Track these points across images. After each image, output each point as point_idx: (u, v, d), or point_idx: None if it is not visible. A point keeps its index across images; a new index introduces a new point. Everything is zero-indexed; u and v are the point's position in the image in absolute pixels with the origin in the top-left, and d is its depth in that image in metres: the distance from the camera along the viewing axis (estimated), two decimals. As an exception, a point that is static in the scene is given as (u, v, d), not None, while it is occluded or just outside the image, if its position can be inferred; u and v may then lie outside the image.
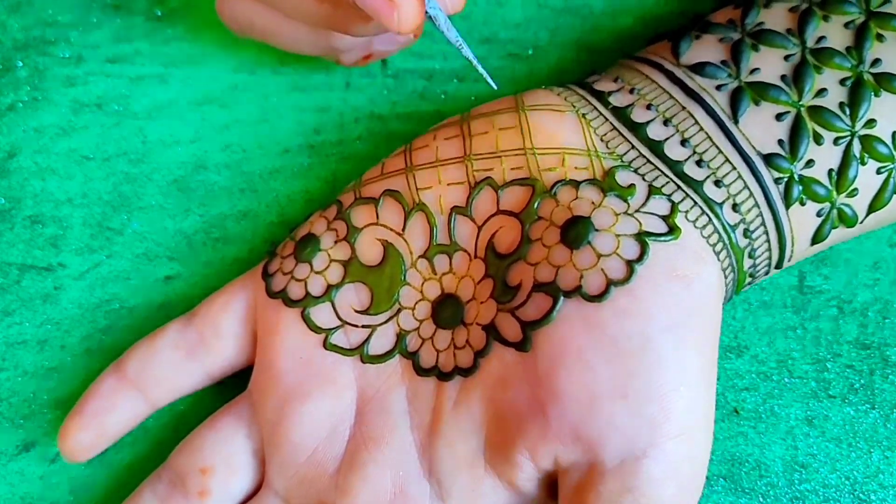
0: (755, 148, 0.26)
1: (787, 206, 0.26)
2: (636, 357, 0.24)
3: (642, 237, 0.25)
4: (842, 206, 0.27)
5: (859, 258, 0.31)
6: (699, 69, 0.27)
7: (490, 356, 0.26)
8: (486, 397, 0.25)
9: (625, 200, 0.25)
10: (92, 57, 0.33)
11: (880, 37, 0.27)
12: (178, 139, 0.32)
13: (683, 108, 0.27)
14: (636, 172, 0.26)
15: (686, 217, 0.25)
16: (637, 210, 0.25)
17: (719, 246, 0.26)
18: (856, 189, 0.26)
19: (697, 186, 0.26)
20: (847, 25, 0.27)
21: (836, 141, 0.26)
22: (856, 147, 0.26)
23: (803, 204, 0.26)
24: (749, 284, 0.28)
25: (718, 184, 0.26)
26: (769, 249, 0.27)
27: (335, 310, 0.28)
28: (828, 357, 0.30)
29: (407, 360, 0.27)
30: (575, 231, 0.25)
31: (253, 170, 0.32)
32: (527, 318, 0.25)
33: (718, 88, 0.27)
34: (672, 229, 0.25)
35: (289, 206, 0.32)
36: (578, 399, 0.24)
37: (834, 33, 0.27)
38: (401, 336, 0.27)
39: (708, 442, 0.25)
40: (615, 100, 0.27)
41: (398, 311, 0.27)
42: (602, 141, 0.27)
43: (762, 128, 0.26)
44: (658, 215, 0.25)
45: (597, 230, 0.25)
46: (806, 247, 0.27)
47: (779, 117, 0.26)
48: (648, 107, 0.27)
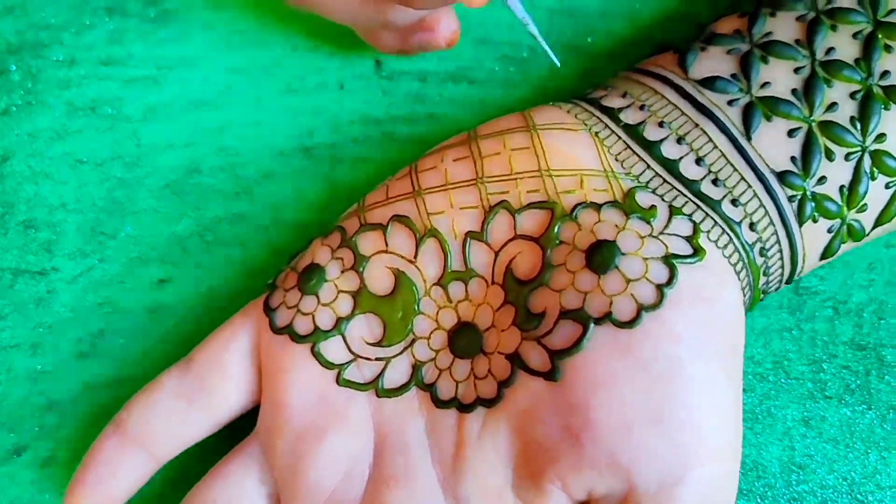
0: (769, 165, 0.26)
1: (801, 224, 0.26)
2: (668, 382, 0.24)
3: (669, 260, 0.24)
4: (851, 222, 0.26)
5: (854, 259, 0.31)
6: (709, 84, 0.26)
7: (515, 386, 0.25)
8: (513, 427, 0.25)
9: (648, 223, 0.25)
10: (85, 59, 0.33)
11: (888, 47, 0.26)
12: (172, 142, 0.32)
13: (696, 126, 0.26)
14: (655, 193, 0.26)
15: (708, 237, 0.25)
16: (661, 232, 0.25)
17: (739, 266, 0.25)
18: (865, 204, 0.26)
19: (716, 206, 0.25)
20: (855, 36, 0.26)
21: (848, 157, 0.26)
22: (866, 162, 0.26)
23: (815, 221, 0.26)
24: (760, 300, 0.27)
25: (735, 203, 0.26)
26: (782, 266, 0.26)
27: (346, 343, 0.26)
28: (824, 358, 0.30)
29: (424, 393, 0.26)
30: (601, 255, 0.25)
31: (247, 172, 0.32)
32: (555, 347, 0.24)
33: (730, 104, 0.26)
34: (697, 251, 0.25)
35: (283, 209, 0.32)
36: (613, 426, 0.23)
37: (842, 44, 0.26)
38: (416, 367, 0.26)
39: (737, 462, 0.25)
40: (626, 117, 0.27)
41: (412, 342, 0.26)
42: (617, 161, 0.26)
43: (775, 144, 0.26)
44: (682, 237, 0.25)
45: (623, 254, 0.24)
46: (815, 261, 0.27)
47: (791, 133, 0.26)
48: (661, 124, 0.26)
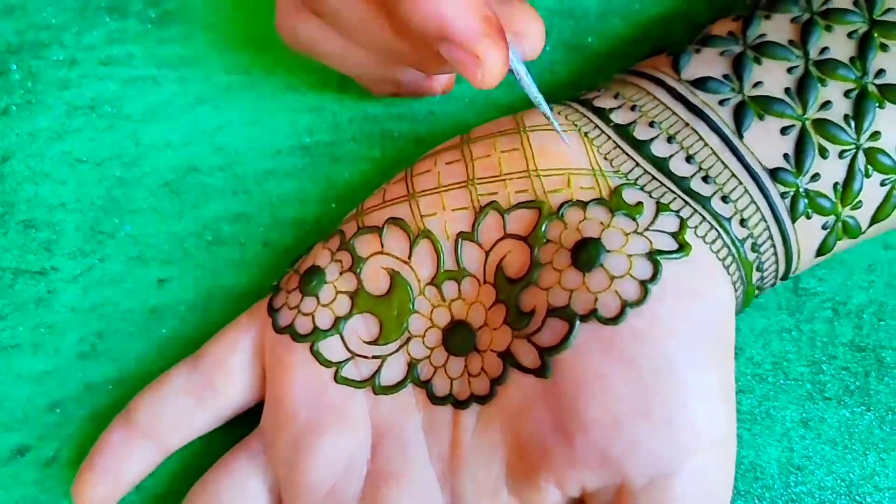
0: (761, 163, 0.26)
1: (794, 220, 0.26)
2: (656, 377, 0.24)
3: (654, 256, 0.25)
4: (846, 219, 0.26)
5: (854, 260, 0.30)
6: (701, 84, 0.27)
7: (507, 383, 0.25)
8: (506, 424, 0.25)
9: (633, 219, 0.25)
10: (85, 59, 0.33)
11: (884, 46, 0.26)
12: (171, 141, 0.32)
13: (687, 125, 0.26)
14: (643, 190, 0.26)
15: (695, 233, 0.25)
16: (646, 228, 0.25)
17: (729, 260, 0.25)
18: (860, 202, 0.26)
19: (705, 202, 0.25)
20: (850, 35, 0.26)
21: (842, 154, 0.26)
22: (860, 160, 0.26)
23: (809, 217, 0.26)
24: (756, 296, 0.27)
25: (725, 199, 0.26)
26: (776, 262, 0.26)
27: (344, 342, 0.27)
28: (823, 359, 0.30)
29: (420, 390, 0.27)
30: (586, 253, 0.25)
31: (246, 171, 0.32)
32: (544, 345, 0.25)
33: (721, 103, 0.26)
34: (682, 246, 0.25)
35: (282, 208, 0.32)
36: (603, 422, 0.24)
37: (837, 44, 0.26)
38: (412, 365, 0.27)
39: (732, 455, 0.25)
40: (617, 117, 0.27)
41: (408, 340, 0.27)
42: (606, 159, 0.26)
43: (767, 142, 0.26)
44: (667, 232, 0.25)
45: (608, 251, 0.25)
46: (811, 258, 0.27)
47: (784, 131, 0.26)
48: (651, 124, 0.27)
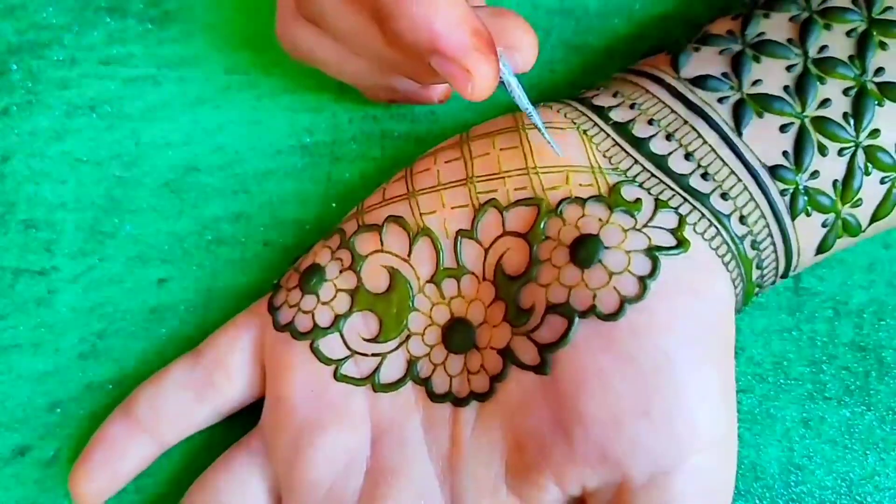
0: (760, 160, 0.26)
1: (793, 218, 0.26)
2: (656, 373, 0.24)
3: (652, 252, 0.25)
4: (846, 217, 0.26)
5: (854, 260, 0.31)
6: (700, 82, 0.27)
7: (507, 380, 0.25)
8: (506, 422, 0.25)
9: (632, 215, 0.25)
10: (85, 59, 0.33)
11: (883, 45, 0.26)
12: (171, 141, 0.32)
13: (686, 123, 0.26)
14: (641, 187, 0.26)
15: (694, 229, 0.25)
16: (645, 225, 0.25)
17: (728, 257, 0.25)
18: (860, 199, 0.26)
19: (704, 199, 0.26)
20: (849, 34, 0.27)
21: (841, 152, 0.26)
22: (860, 158, 0.26)
23: (809, 215, 0.26)
24: (757, 294, 0.27)
25: (725, 196, 0.26)
26: (776, 260, 0.26)
27: (344, 340, 0.27)
28: (823, 359, 0.30)
29: (420, 387, 0.27)
30: (584, 250, 0.25)
31: (246, 171, 0.32)
32: (543, 341, 0.25)
33: (720, 101, 0.26)
34: (681, 242, 0.25)
35: (282, 208, 0.32)
36: (602, 420, 0.24)
37: (836, 42, 0.27)
38: (411, 363, 0.27)
39: (733, 452, 0.25)
40: (616, 115, 0.27)
41: (407, 338, 0.27)
42: (605, 157, 0.26)
43: (766, 140, 0.26)
44: (666, 229, 0.25)
45: (606, 248, 0.25)
46: (811, 256, 0.27)
47: (783, 129, 0.26)
48: (650, 122, 0.27)
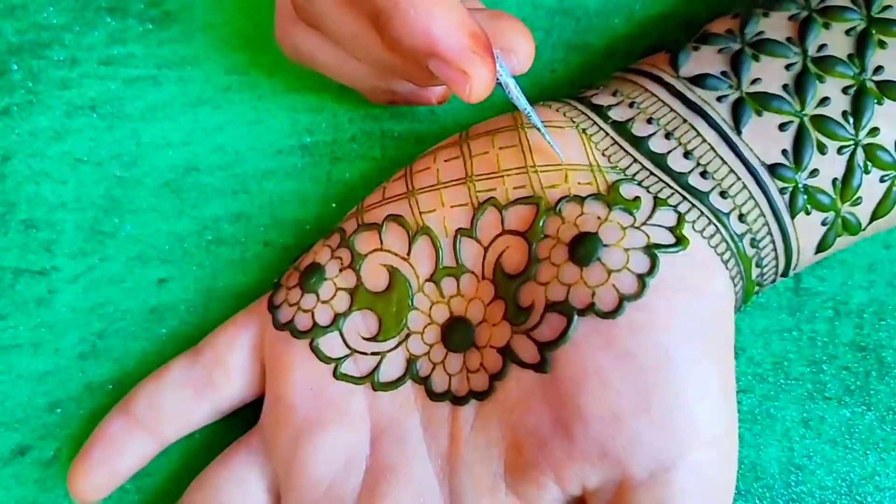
0: (759, 158, 0.26)
1: (793, 216, 0.26)
2: (655, 371, 0.24)
3: (651, 250, 0.25)
4: (846, 215, 0.26)
5: (854, 260, 0.31)
6: (699, 81, 0.27)
7: (507, 379, 0.25)
8: (505, 420, 0.25)
9: (631, 213, 0.25)
10: (86, 59, 0.33)
11: (882, 43, 0.26)
12: (171, 141, 0.32)
13: (685, 121, 0.26)
14: (640, 185, 0.26)
15: (693, 227, 0.25)
16: (644, 223, 0.25)
17: (727, 255, 0.25)
18: (860, 198, 0.26)
19: (703, 197, 0.26)
20: (848, 32, 0.27)
21: (840, 150, 0.26)
22: (859, 156, 0.26)
23: (808, 213, 0.26)
24: (757, 293, 0.27)
25: (724, 195, 0.26)
26: (776, 258, 0.26)
27: (343, 338, 0.27)
28: (824, 359, 0.30)
29: (419, 386, 0.27)
30: (583, 248, 0.25)
31: (246, 171, 0.32)
32: (542, 340, 0.25)
33: (719, 100, 0.26)
34: (680, 240, 0.25)
35: (282, 208, 0.32)
36: (602, 417, 0.24)
37: (835, 41, 0.27)
38: (411, 361, 0.27)
39: (734, 449, 0.25)
40: (615, 114, 0.27)
41: (407, 337, 0.27)
42: (604, 156, 0.27)
43: (765, 138, 0.26)
44: (665, 227, 0.25)
45: (605, 245, 0.25)
46: (811, 255, 0.27)
47: (782, 127, 0.26)
48: (649, 120, 0.27)
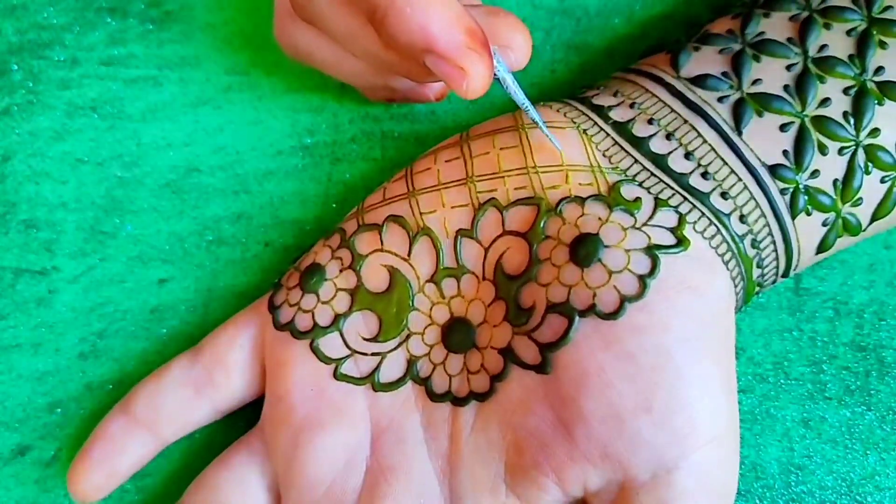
0: (760, 159, 0.26)
1: (794, 217, 0.26)
2: (656, 371, 0.24)
3: (652, 251, 0.25)
4: (846, 216, 0.26)
5: (855, 260, 0.31)
6: (700, 81, 0.27)
7: (508, 380, 0.25)
8: (506, 421, 0.25)
9: (631, 214, 0.25)
10: (86, 59, 0.33)
11: (882, 44, 0.26)
12: (172, 141, 0.32)
13: (685, 122, 0.26)
14: (641, 186, 0.26)
15: (694, 228, 0.25)
16: (644, 223, 0.25)
17: (728, 256, 0.25)
18: (860, 198, 0.26)
19: (704, 198, 0.26)
20: (849, 33, 0.27)
21: (841, 151, 0.26)
22: (860, 157, 0.26)
23: (809, 214, 0.26)
24: (757, 293, 0.27)
25: (725, 195, 0.26)
26: (776, 259, 0.26)
27: (344, 339, 0.27)
28: (824, 359, 0.30)
29: (419, 387, 0.27)
30: (584, 249, 0.25)
31: (247, 171, 0.32)
32: (544, 341, 0.25)
33: (720, 101, 0.26)
34: (681, 241, 0.25)
35: (283, 208, 0.32)
36: (603, 418, 0.24)
37: (836, 41, 0.27)
38: (411, 362, 0.27)
39: (735, 449, 0.25)
40: (615, 114, 0.27)
41: (407, 337, 0.27)
42: (605, 156, 0.27)
43: (766, 139, 0.26)
44: (666, 227, 0.25)
45: (606, 246, 0.25)
46: (812, 255, 0.27)
47: (783, 128, 0.26)
48: (650, 121, 0.27)
